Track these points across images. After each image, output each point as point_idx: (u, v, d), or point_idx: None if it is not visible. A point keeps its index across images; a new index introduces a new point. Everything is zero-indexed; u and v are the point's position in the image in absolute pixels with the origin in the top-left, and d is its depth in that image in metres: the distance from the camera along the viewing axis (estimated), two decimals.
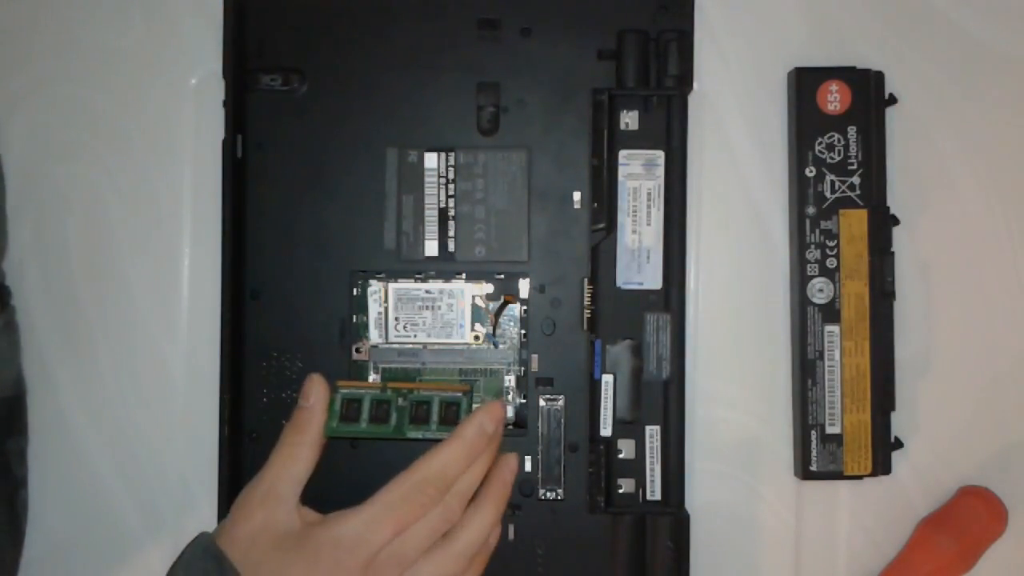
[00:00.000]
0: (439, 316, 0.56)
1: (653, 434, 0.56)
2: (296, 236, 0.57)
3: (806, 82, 0.56)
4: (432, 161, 0.56)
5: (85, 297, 0.58)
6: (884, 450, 0.56)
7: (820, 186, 0.56)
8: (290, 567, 0.46)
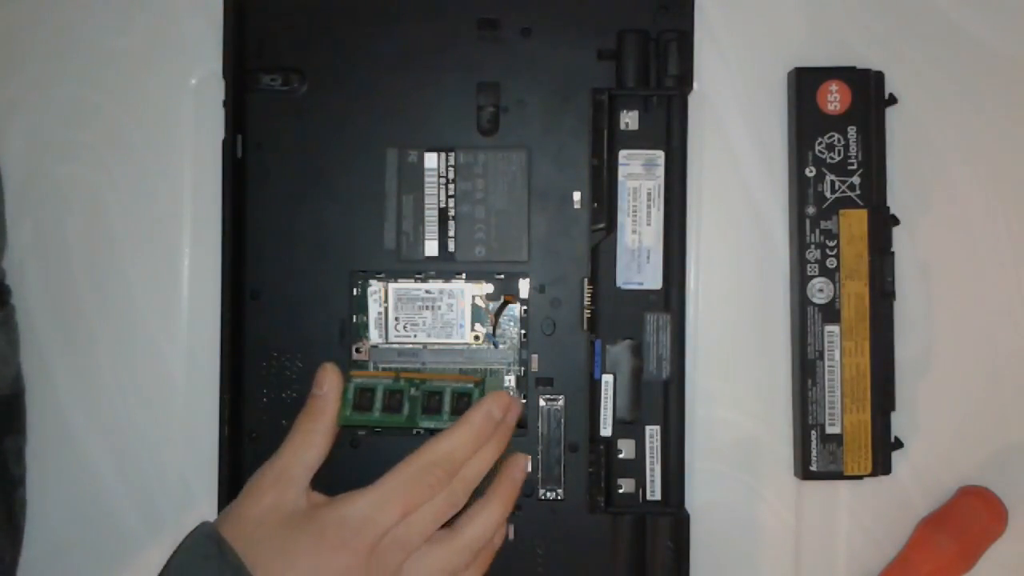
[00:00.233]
0: (439, 316, 0.56)
1: (653, 434, 0.56)
2: (296, 236, 0.57)
3: (806, 82, 0.56)
4: (432, 161, 0.56)
5: (85, 297, 0.58)
6: (884, 450, 0.56)
7: (820, 186, 0.56)
8: (295, 545, 0.46)
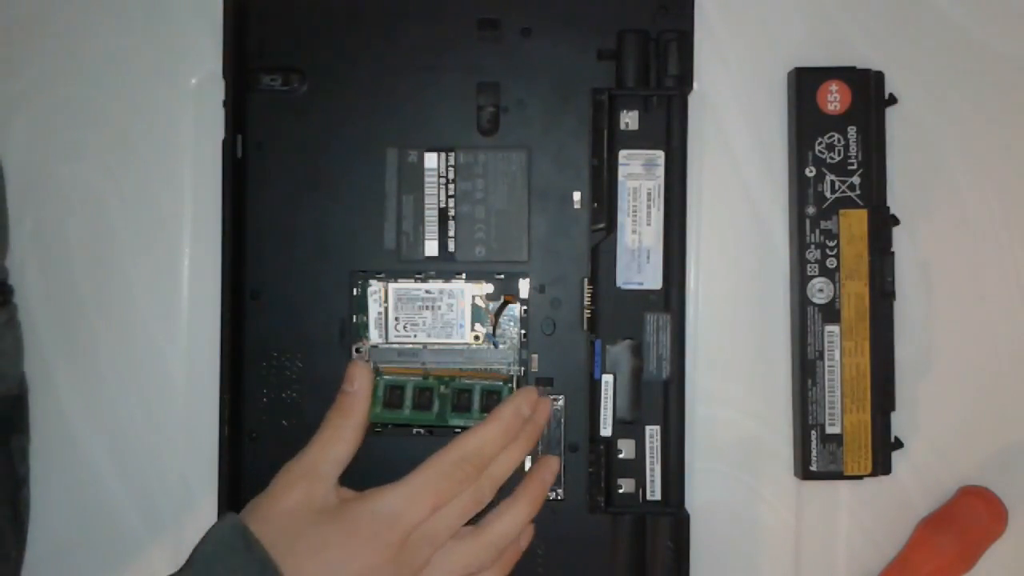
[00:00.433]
0: (439, 316, 0.56)
1: (653, 434, 0.56)
2: (296, 236, 0.57)
3: (806, 82, 0.56)
4: (432, 161, 0.56)
5: (85, 297, 0.58)
6: (884, 450, 0.56)
7: (820, 186, 0.56)
8: (327, 539, 0.46)
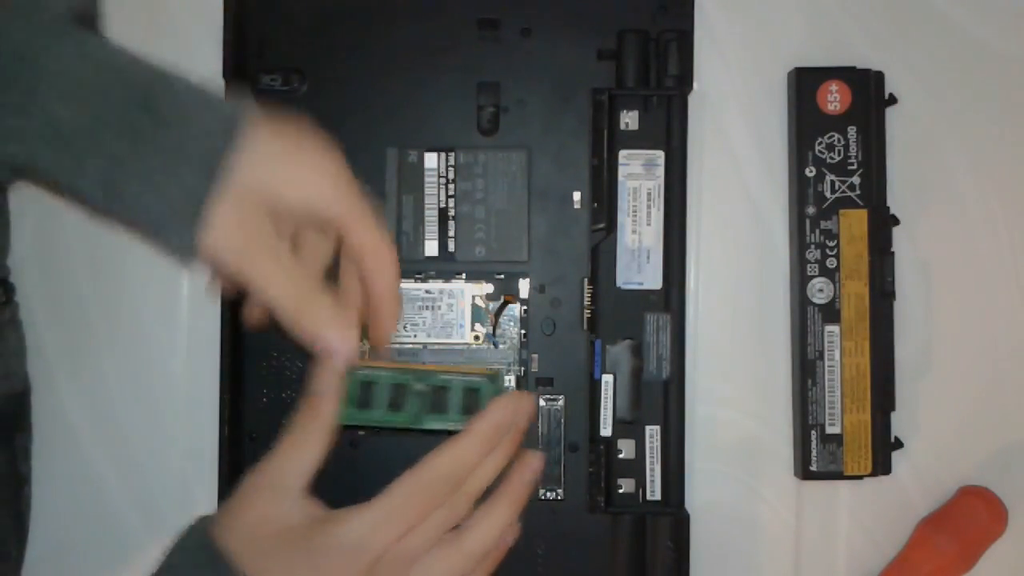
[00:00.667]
0: (439, 316, 0.56)
1: (653, 434, 0.56)
2: None
3: (806, 82, 0.56)
4: (432, 161, 0.56)
5: (86, 296, 0.58)
6: (884, 450, 0.56)
7: (820, 186, 0.56)
8: (291, 565, 0.45)
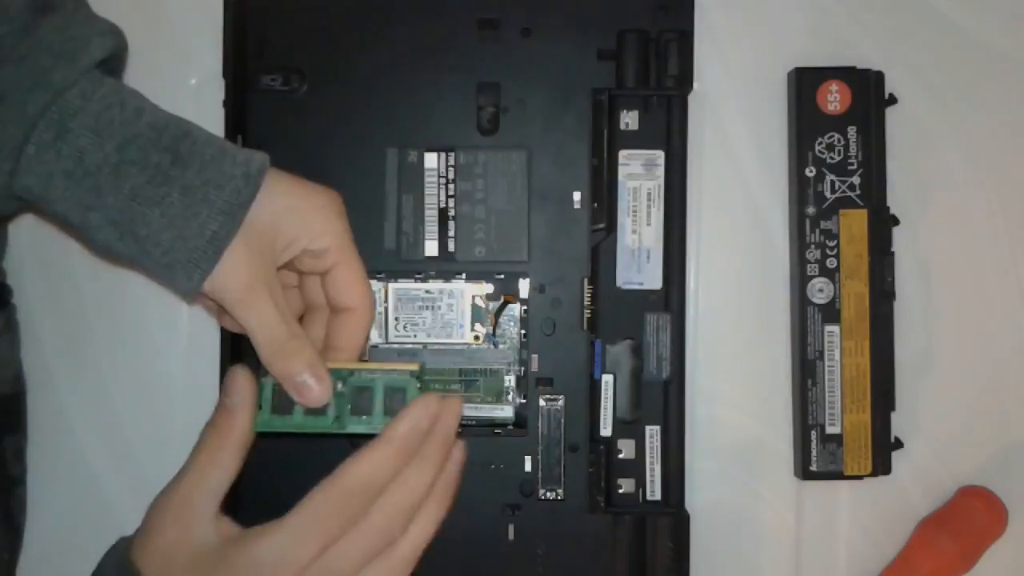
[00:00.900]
0: (439, 316, 0.56)
1: (653, 434, 0.56)
2: None
3: (806, 82, 0.56)
4: (432, 161, 0.56)
5: (86, 296, 0.58)
6: (884, 450, 0.56)
7: (820, 186, 0.56)
8: None
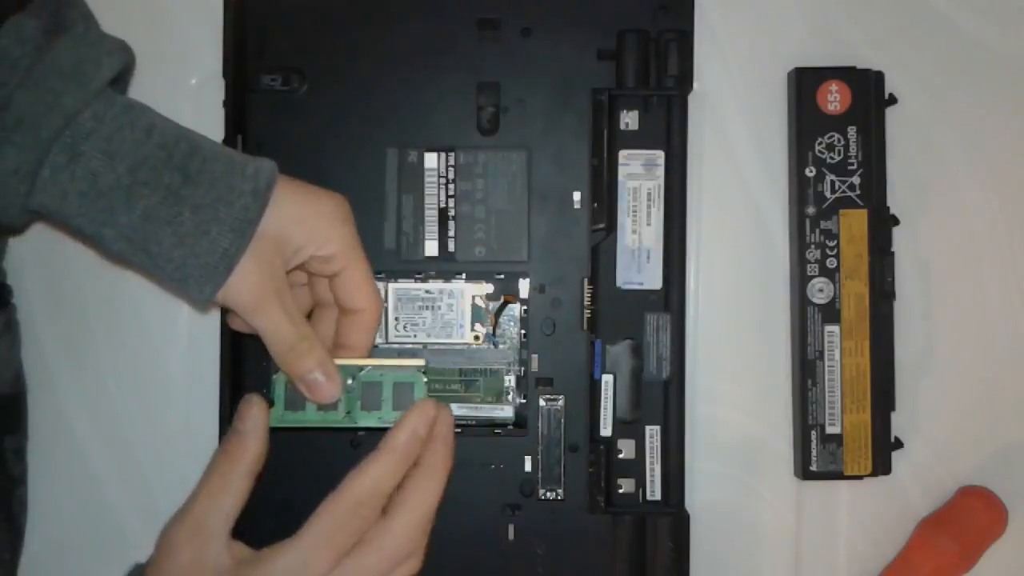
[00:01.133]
0: (439, 316, 0.56)
1: (653, 434, 0.56)
2: None
3: (806, 82, 0.56)
4: (432, 161, 0.56)
5: (85, 296, 0.58)
6: (884, 450, 0.56)
7: (820, 186, 0.56)
8: None
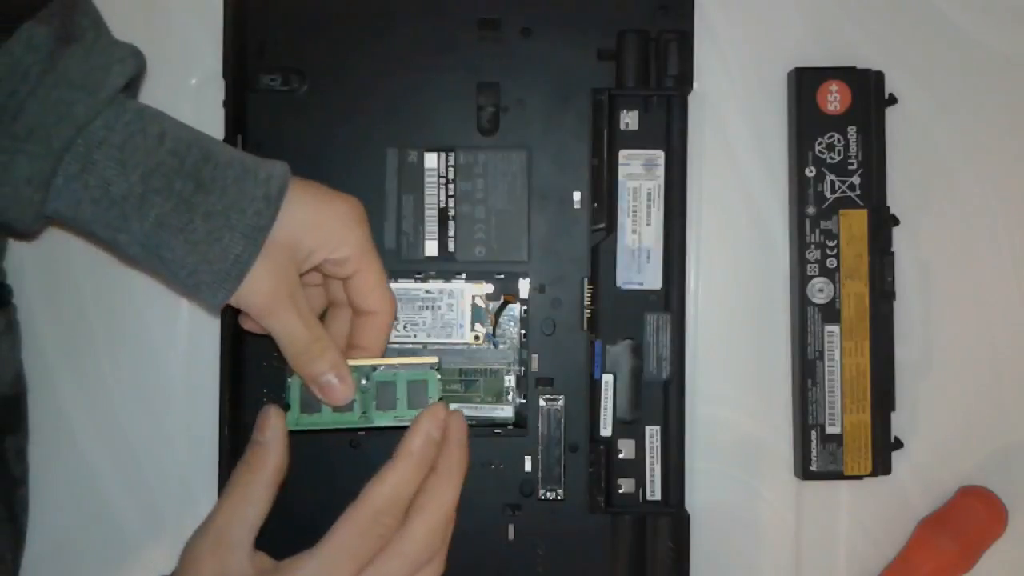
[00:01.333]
0: (439, 316, 0.56)
1: (653, 434, 0.56)
2: None
3: (806, 82, 0.56)
4: (432, 161, 0.56)
5: (85, 296, 0.58)
6: (884, 450, 0.56)
7: (820, 186, 0.56)
8: None
